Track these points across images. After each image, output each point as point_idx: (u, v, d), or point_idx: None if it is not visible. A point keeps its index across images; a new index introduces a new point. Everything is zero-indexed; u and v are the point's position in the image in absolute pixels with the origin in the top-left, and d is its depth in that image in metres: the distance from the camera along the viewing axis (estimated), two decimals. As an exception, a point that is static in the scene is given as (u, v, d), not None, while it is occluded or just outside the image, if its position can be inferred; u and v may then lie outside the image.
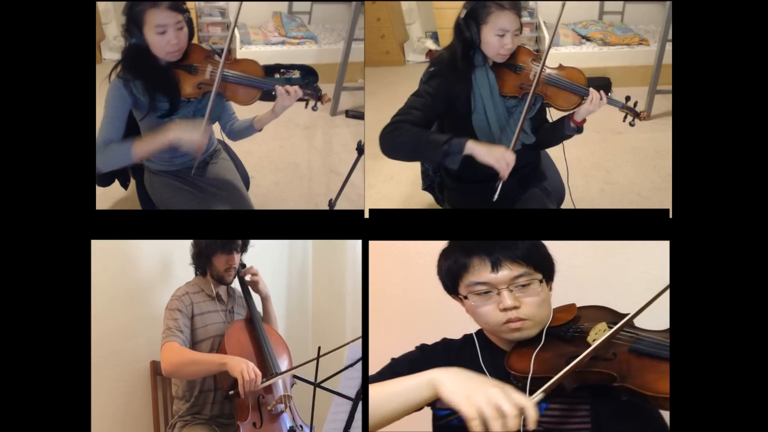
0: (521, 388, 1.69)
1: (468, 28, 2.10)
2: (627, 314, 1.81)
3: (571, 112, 2.15)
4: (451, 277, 1.79)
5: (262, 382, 2.19)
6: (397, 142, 2.08)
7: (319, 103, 2.22)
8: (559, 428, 1.70)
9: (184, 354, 2.23)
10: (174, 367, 2.22)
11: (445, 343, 1.89)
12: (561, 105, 2.17)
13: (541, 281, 1.75)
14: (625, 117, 2.19)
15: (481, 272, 1.73)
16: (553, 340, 1.75)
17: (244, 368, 2.15)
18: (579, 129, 2.17)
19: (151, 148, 2.13)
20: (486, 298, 1.74)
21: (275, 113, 2.21)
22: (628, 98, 2.18)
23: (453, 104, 2.16)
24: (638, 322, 1.78)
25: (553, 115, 2.26)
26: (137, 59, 2.09)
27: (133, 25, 2.06)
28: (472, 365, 1.79)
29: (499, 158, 2.05)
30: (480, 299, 1.74)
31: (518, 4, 2.11)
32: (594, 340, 1.69)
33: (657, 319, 1.84)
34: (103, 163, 2.12)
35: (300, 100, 2.21)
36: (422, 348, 1.88)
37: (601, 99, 2.11)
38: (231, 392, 2.19)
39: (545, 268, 1.78)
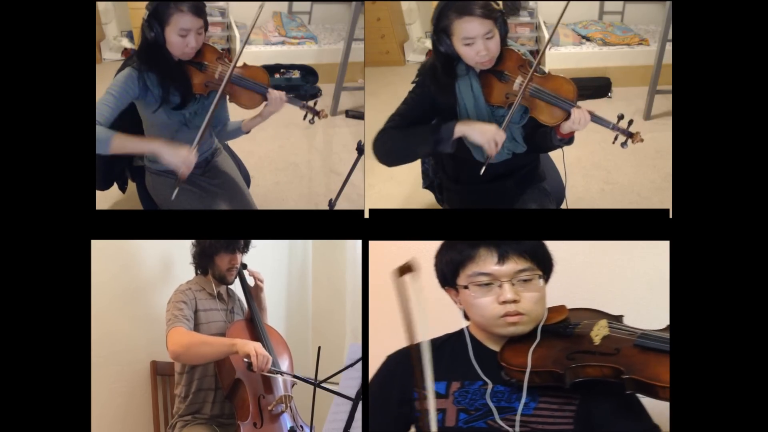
0: (513, 384, 1.73)
1: (441, 42, 2.02)
2: (619, 315, 1.86)
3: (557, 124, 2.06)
4: (452, 266, 1.80)
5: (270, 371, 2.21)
6: (387, 147, 2.12)
7: (316, 118, 2.26)
8: (542, 428, 1.72)
9: (193, 335, 2.23)
10: (183, 347, 2.19)
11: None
12: (545, 120, 2.06)
13: (540, 277, 1.78)
14: (616, 138, 2.05)
15: (487, 263, 1.76)
16: (549, 337, 1.78)
17: (256, 346, 2.18)
18: (568, 140, 2.09)
19: (130, 149, 2.15)
20: (486, 290, 1.76)
21: (263, 117, 2.26)
22: (620, 117, 2.04)
23: (439, 112, 2.13)
24: (635, 322, 1.82)
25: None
26: (152, 52, 2.12)
27: (155, 21, 2.09)
28: (459, 361, 1.82)
29: (490, 140, 2.04)
30: (480, 290, 1.77)
31: (486, 5, 1.97)
32: (596, 336, 1.75)
33: (654, 319, 1.85)
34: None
35: (296, 106, 2.26)
36: (387, 360, 1.89)
37: (585, 119, 1.99)
38: (246, 360, 2.17)
39: (546, 267, 1.81)
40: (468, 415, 1.75)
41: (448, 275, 1.82)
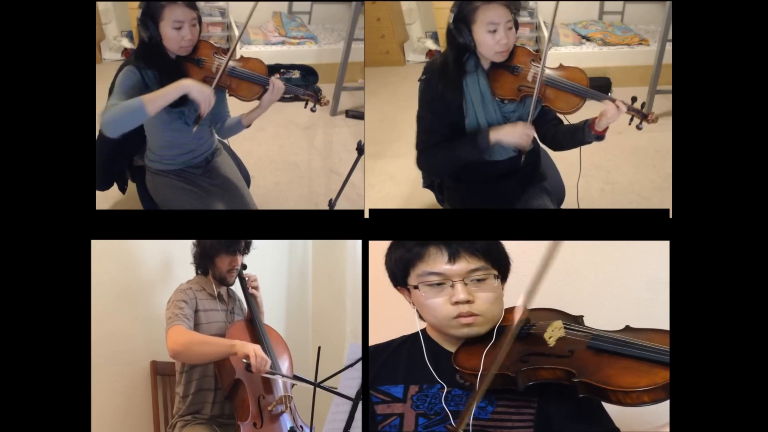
0: (468, 387, 1.69)
1: (460, 32, 2.04)
2: (579, 316, 1.81)
3: (591, 120, 2.07)
4: (402, 265, 1.77)
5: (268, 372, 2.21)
6: (435, 166, 2.17)
7: (318, 105, 2.28)
8: None
9: (193, 334, 2.24)
10: (183, 346, 2.20)
11: (373, 349, 1.88)
12: (561, 107, 2.10)
13: (496, 277, 1.74)
14: (632, 119, 2.09)
15: (437, 262, 1.72)
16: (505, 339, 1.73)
17: (255, 347, 2.19)
18: (600, 137, 2.09)
19: (164, 100, 2.09)
20: (438, 290, 1.72)
21: (262, 107, 2.26)
22: (634, 99, 2.08)
23: (448, 111, 2.14)
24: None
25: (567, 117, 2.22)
26: (150, 51, 2.14)
27: (149, 19, 2.12)
28: (417, 364, 1.78)
29: (521, 135, 2.07)
30: (431, 290, 1.73)
31: None
32: (550, 338, 1.69)
33: (610, 320, 1.82)
34: (113, 124, 2.05)
35: (299, 100, 2.27)
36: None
37: (618, 109, 2.00)
38: (245, 361, 2.17)
39: (502, 266, 1.77)
40: (427, 420, 1.71)
41: (398, 275, 1.79)
